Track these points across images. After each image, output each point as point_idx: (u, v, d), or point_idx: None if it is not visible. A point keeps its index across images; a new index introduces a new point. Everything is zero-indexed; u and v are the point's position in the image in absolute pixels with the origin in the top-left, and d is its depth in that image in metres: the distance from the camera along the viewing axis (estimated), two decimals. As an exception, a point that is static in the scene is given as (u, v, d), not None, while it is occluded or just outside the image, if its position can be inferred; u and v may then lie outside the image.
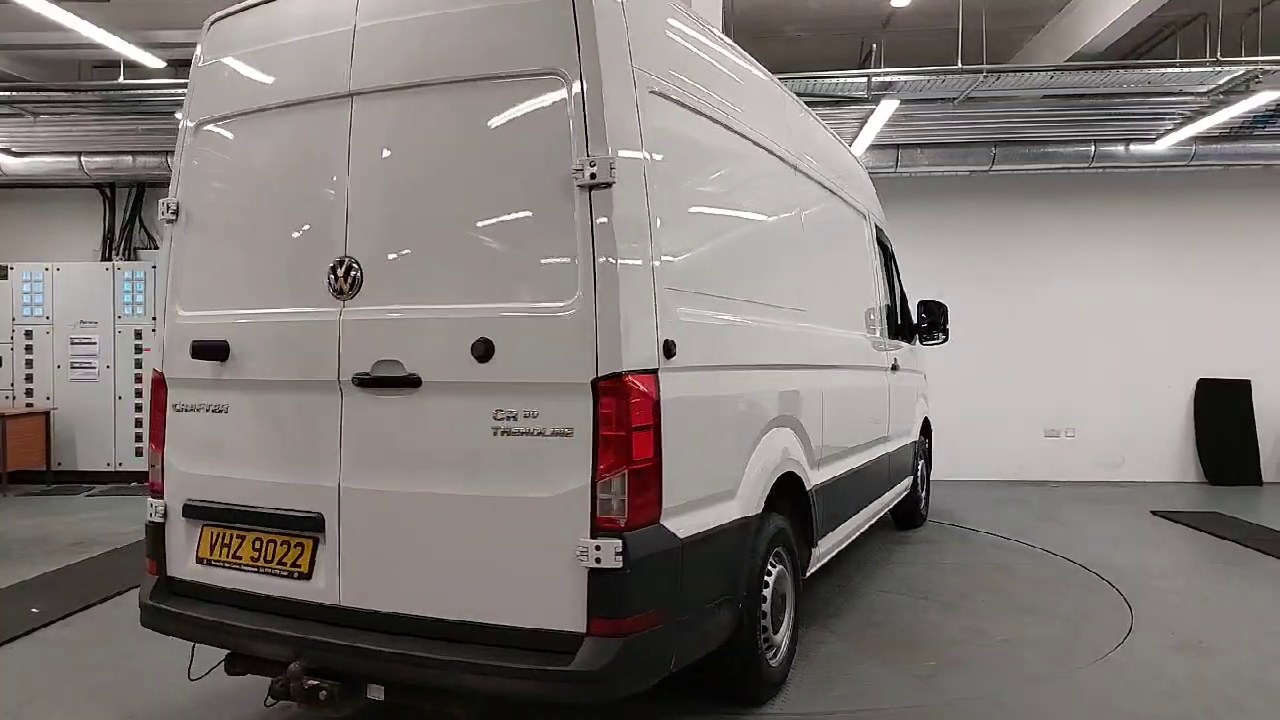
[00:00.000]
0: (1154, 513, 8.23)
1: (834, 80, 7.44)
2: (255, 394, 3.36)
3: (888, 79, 7.47)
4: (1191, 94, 7.75)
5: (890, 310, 6.50)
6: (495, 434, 2.89)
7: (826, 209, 5.12)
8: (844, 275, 5.52)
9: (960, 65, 7.32)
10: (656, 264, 2.96)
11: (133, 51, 7.33)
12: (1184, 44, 7.78)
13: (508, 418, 2.88)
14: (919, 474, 7.35)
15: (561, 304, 2.82)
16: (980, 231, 10.29)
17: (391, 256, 3.11)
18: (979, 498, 9.05)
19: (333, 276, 3.14)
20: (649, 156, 2.99)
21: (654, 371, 2.88)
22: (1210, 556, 6.65)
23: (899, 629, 4.88)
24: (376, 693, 3.05)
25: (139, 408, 9.94)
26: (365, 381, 3.07)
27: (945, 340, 7.12)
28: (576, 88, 2.83)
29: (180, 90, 7.79)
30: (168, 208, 3.56)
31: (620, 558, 2.73)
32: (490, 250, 3.00)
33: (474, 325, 2.90)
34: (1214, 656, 4.43)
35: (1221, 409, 10.06)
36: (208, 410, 3.45)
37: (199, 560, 3.42)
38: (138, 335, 10.00)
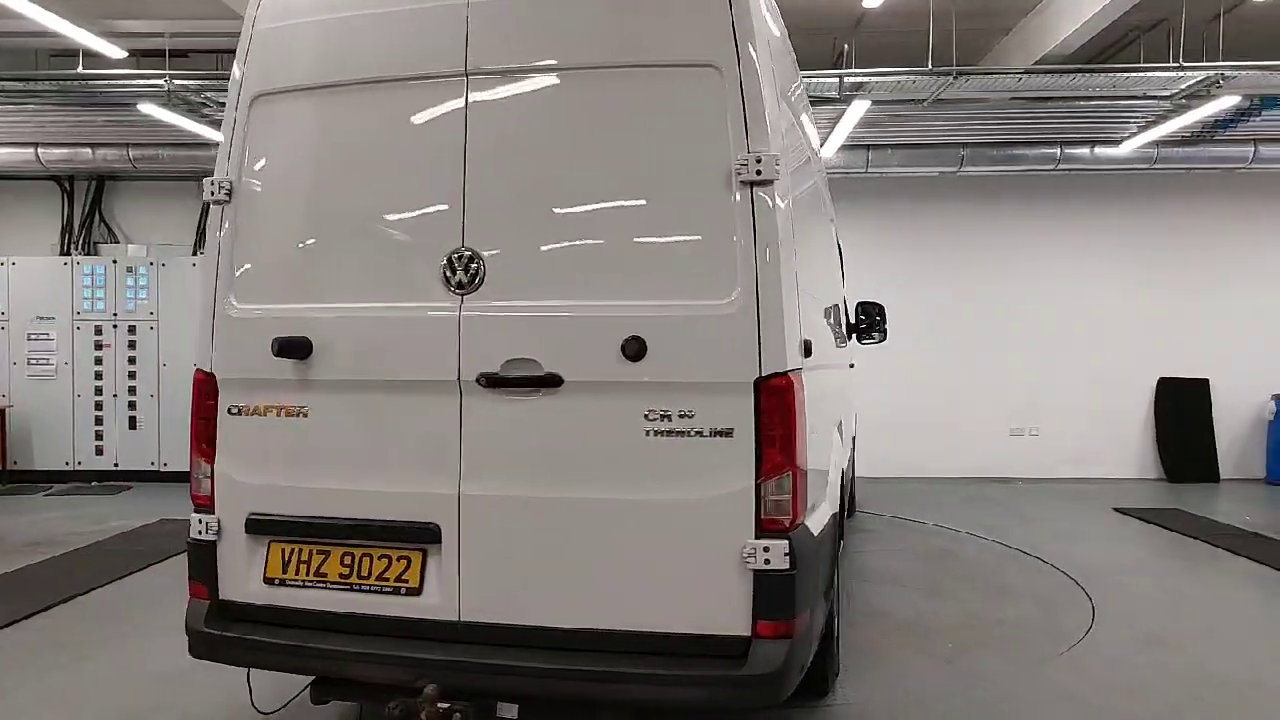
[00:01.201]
0: (1116, 509, 8.39)
1: (806, 80, 7.45)
2: (347, 395, 3.01)
3: (859, 80, 7.52)
4: (1155, 98, 7.88)
5: (843, 308, 6.61)
6: (648, 435, 2.76)
7: (821, 205, 5.24)
8: (826, 273, 5.61)
9: (930, 67, 7.39)
10: (795, 262, 2.91)
11: (92, 40, 7.15)
12: (1148, 49, 7.89)
13: (661, 418, 2.76)
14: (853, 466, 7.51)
15: (720, 302, 2.73)
16: (948, 232, 10.39)
17: (518, 249, 2.88)
18: (941, 494, 9.15)
19: (450, 269, 2.87)
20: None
21: (800, 371, 2.83)
22: (1171, 552, 6.79)
23: (902, 617, 5.03)
24: (509, 711, 2.87)
25: (99, 405, 9.74)
26: (494, 381, 2.84)
27: (883, 340, 7.19)
28: (735, 83, 2.73)
29: (142, 81, 7.68)
30: (220, 187, 3.14)
31: (788, 558, 2.68)
32: (638, 245, 2.85)
33: (624, 323, 2.76)
34: (1174, 650, 4.52)
35: (1181, 407, 10.25)
36: (280, 413, 3.06)
37: (267, 580, 3.02)
38: (98, 331, 9.78)
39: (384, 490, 2.94)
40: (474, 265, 2.86)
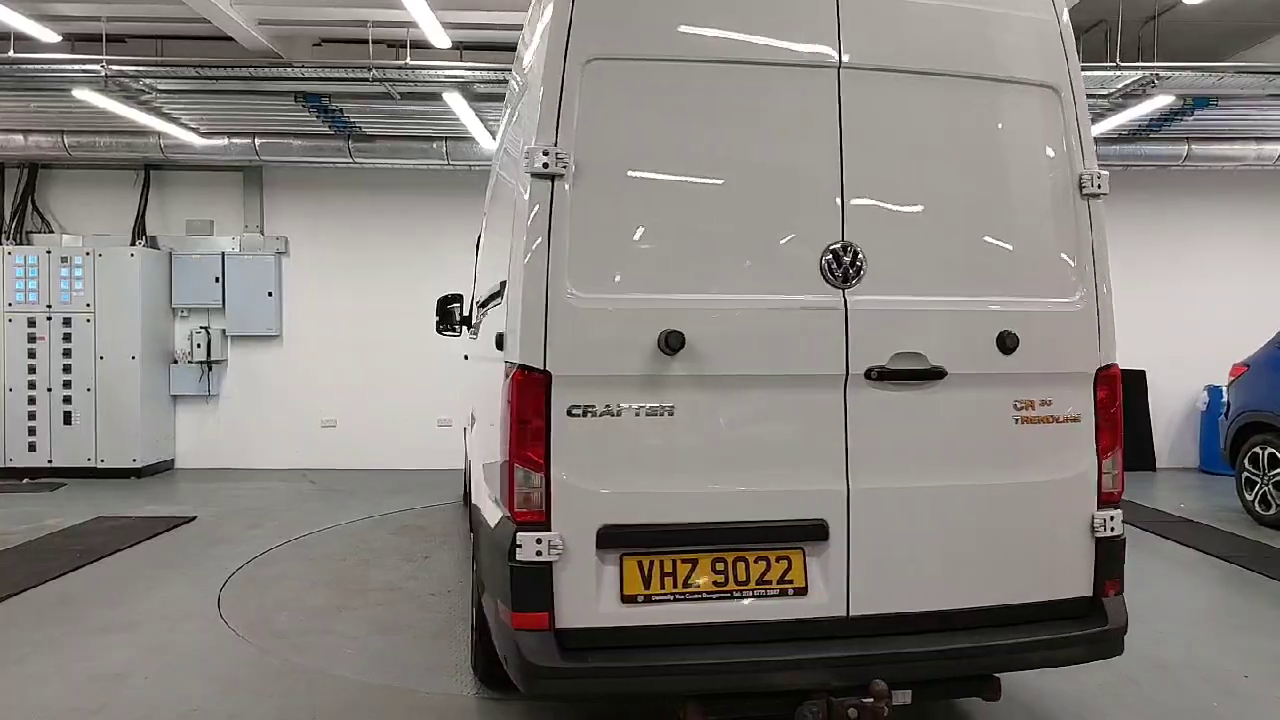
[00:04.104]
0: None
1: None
2: (719, 391, 2.84)
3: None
4: (1094, 96, 8.08)
5: None
6: (1016, 423, 3.03)
7: None
8: None
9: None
10: None
11: (24, 23, 6.91)
12: (1086, 49, 8.09)
13: (1026, 406, 3.04)
14: None
15: (1069, 300, 3.11)
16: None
17: (893, 244, 2.93)
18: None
19: (833, 262, 2.86)
20: None
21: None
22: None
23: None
24: (903, 698, 2.88)
25: (32, 400, 9.44)
26: (884, 374, 2.89)
27: None
28: (1071, 105, 3.13)
29: (77, 66, 7.44)
30: (558, 159, 2.72)
31: (1122, 525, 3.15)
32: (999, 245, 3.07)
33: (997, 318, 3.00)
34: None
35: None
36: (639, 413, 2.80)
37: (625, 599, 2.76)
38: (30, 324, 9.47)
39: (760, 490, 2.85)
40: (857, 259, 2.89)
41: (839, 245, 2.87)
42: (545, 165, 2.72)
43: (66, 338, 9.48)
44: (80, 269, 9.50)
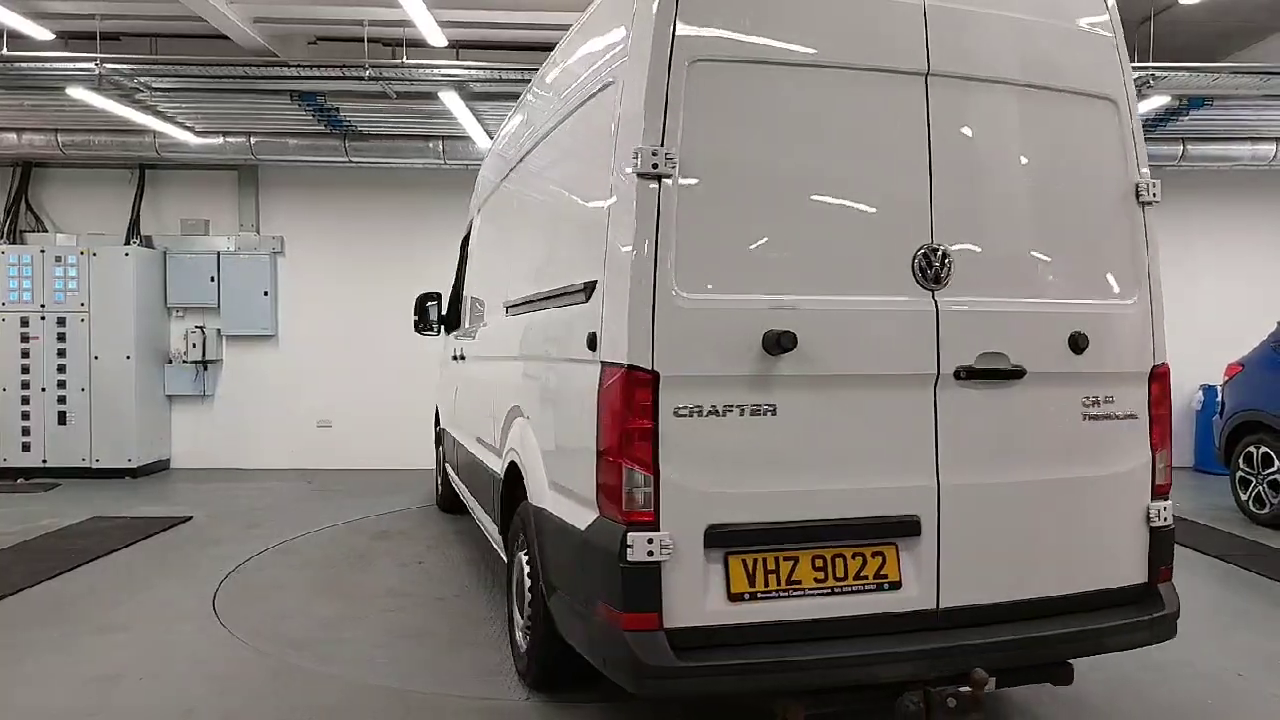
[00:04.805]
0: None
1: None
2: (820, 391, 2.91)
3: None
4: (1090, 96, 8.09)
5: None
6: (1084, 420, 3.19)
7: None
8: None
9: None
10: None
11: (16, 21, 6.89)
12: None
13: (1093, 404, 3.20)
14: None
15: (1128, 302, 3.29)
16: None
17: (977, 247, 3.06)
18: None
19: (924, 264, 2.97)
20: None
21: None
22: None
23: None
24: (988, 685, 2.96)
25: (25, 400, 9.41)
26: (971, 374, 3.01)
27: None
28: (1127, 116, 3.31)
29: (71, 65, 7.42)
30: (667, 158, 2.75)
31: (1173, 515, 3.36)
32: (1070, 249, 3.24)
33: (1069, 319, 3.16)
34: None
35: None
36: (743, 413, 2.84)
37: (733, 597, 2.82)
38: (24, 323, 9.44)
39: (855, 487, 2.93)
40: (946, 261, 2.99)
41: (930, 248, 2.99)
42: (655, 165, 2.75)
43: (61, 337, 9.45)
44: (74, 268, 9.47)
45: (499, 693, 3.90)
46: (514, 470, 3.98)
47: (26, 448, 9.42)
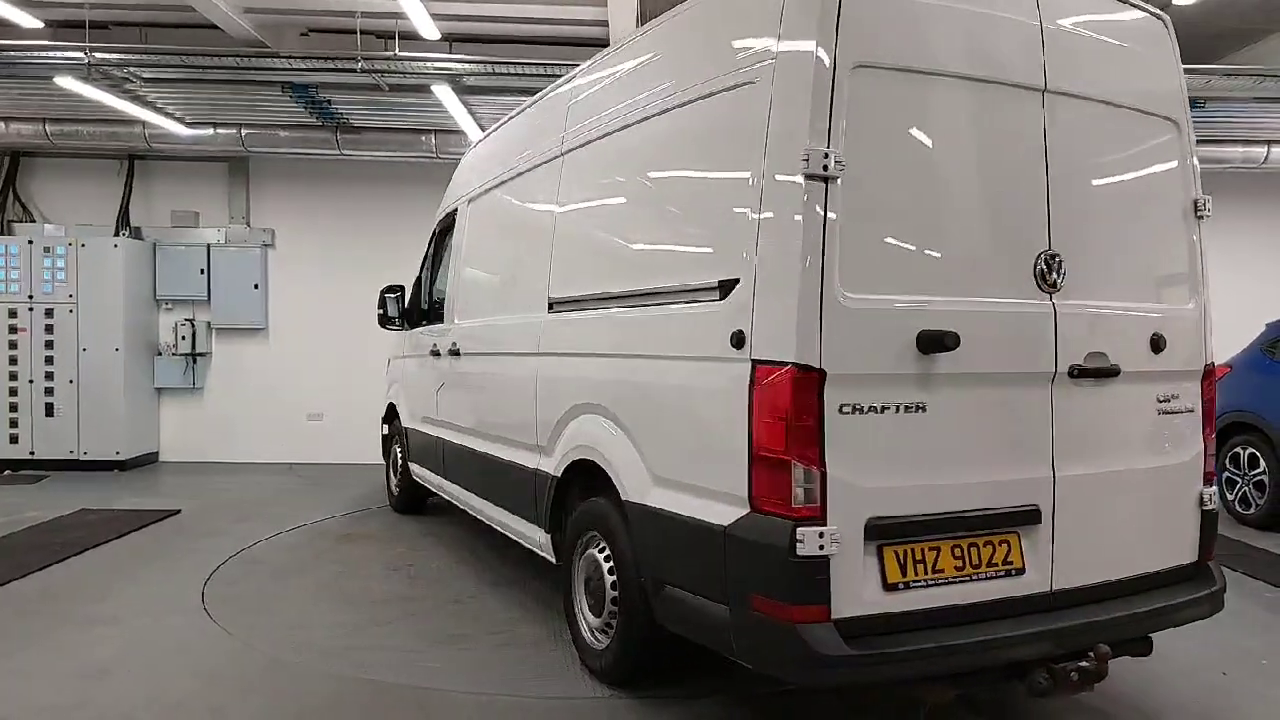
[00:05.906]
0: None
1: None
2: (964, 389, 3.08)
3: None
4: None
5: None
6: (1159, 414, 3.52)
7: None
8: None
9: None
10: None
11: (3, 8, 6.82)
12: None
13: (1165, 400, 3.53)
14: None
15: (1189, 306, 3.63)
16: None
17: (1085, 254, 3.32)
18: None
19: (1044, 268, 3.21)
20: None
21: None
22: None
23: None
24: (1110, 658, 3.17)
25: (13, 391, 9.35)
26: (1082, 372, 3.26)
27: None
28: (1186, 137, 3.64)
29: (59, 54, 7.35)
30: (836, 161, 2.83)
31: (1215, 500, 3.68)
32: (1147, 257, 3.59)
33: (1150, 322, 3.49)
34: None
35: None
36: (899, 410, 2.96)
37: (887, 587, 2.94)
38: (12, 314, 9.37)
39: (987, 480, 3.13)
40: (1061, 266, 3.23)
41: (1049, 254, 3.23)
42: (825, 167, 2.84)
43: (49, 329, 9.39)
44: (63, 259, 9.41)
45: (576, 690, 3.87)
46: (581, 469, 3.98)
47: (14, 439, 9.37)
